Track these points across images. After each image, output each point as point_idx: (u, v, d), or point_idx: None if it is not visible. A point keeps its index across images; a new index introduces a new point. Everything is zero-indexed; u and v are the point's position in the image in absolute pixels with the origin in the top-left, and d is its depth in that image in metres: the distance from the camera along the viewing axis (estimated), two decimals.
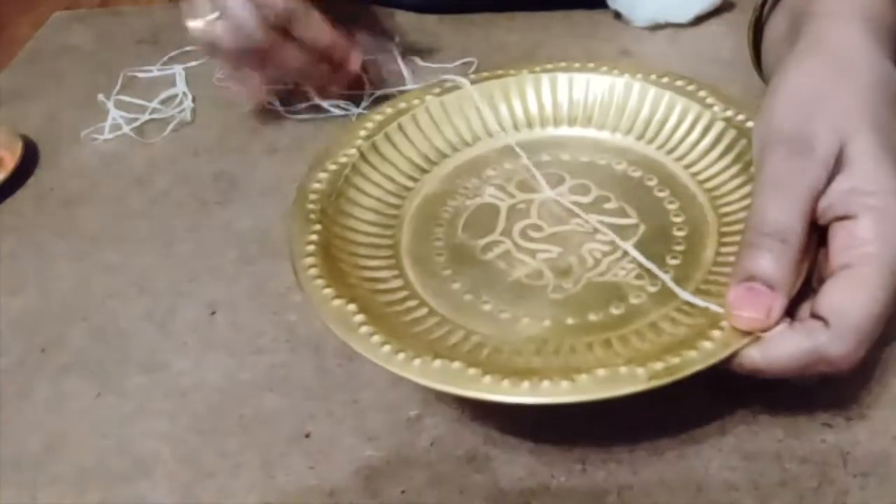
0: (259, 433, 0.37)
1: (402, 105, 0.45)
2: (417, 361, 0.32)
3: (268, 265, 0.45)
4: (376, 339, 0.33)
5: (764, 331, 0.31)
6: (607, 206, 0.41)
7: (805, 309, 0.32)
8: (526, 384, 0.31)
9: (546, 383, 0.30)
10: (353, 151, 0.42)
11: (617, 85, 0.45)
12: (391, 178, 0.43)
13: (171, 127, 0.56)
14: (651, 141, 0.43)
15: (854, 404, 0.35)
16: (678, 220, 0.39)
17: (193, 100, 0.58)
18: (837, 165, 0.32)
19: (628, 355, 0.32)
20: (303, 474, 0.35)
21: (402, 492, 0.34)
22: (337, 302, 0.34)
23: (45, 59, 0.66)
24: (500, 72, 0.46)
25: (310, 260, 0.36)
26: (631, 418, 0.35)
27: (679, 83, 0.44)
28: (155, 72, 0.61)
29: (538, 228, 0.40)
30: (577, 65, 0.46)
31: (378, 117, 0.44)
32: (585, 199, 0.41)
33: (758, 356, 0.31)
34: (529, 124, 0.45)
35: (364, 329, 0.33)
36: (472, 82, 0.46)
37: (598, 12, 0.60)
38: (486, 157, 0.44)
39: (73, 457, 0.37)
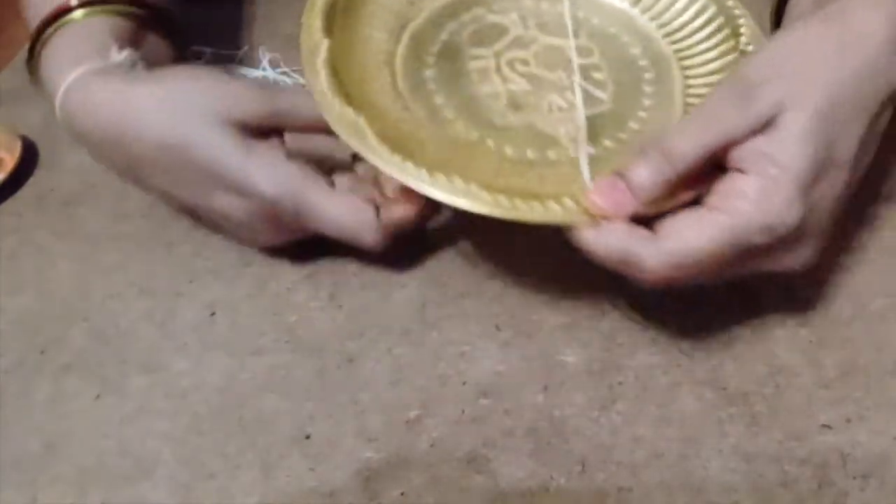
0: (259, 434, 0.37)
1: None
2: (359, 122, 0.35)
3: (268, 265, 0.45)
4: (336, 103, 0.36)
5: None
6: (596, 75, 0.42)
7: None
8: (410, 164, 0.34)
9: (421, 170, 0.34)
10: None
11: None
12: None
13: None
14: (669, 35, 0.44)
15: (854, 406, 0.35)
16: (643, 115, 0.41)
17: None
18: (768, 127, 0.32)
19: (504, 186, 0.34)
20: (302, 475, 0.35)
21: (402, 493, 0.34)
22: (336, 101, 0.36)
23: None
24: None
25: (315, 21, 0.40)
26: (630, 419, 0.35)
27: None
28: None
29: (525, 63, 0.42)
30: None
31: None
32: (582, 61, 0.42)
33: (589, 236, 0.33)
34: None
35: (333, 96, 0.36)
36: None
37: None
38: None
39: (73, 457, 0.37)
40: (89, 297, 0.45)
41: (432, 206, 0.37)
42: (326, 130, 0.37)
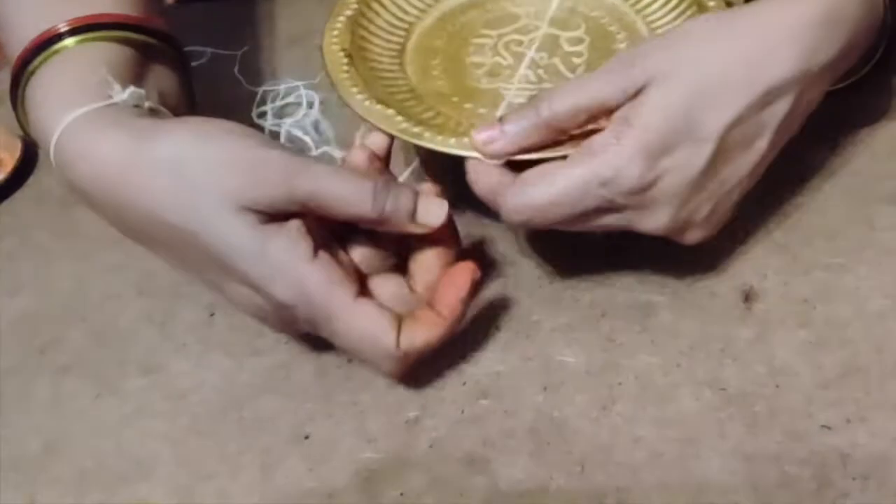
0: (258, 435, 0.37)
1: None
2: (367, 102, 0.40)
3: None
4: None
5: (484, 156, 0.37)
6: (575, 60, 0.45)
7: None
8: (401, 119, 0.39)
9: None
10: None
11: None
12: None
13: None
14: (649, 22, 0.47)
15: (853, 406, 0.35)
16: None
17: None
18: (637, 94, 0.35)
19: (441, 124, 0.40)
20: (302, 476, 0.35)
21: (401, 494, 0.34)
22: (335, 48, 0.44)
23: None
24: None
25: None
26: (630, 419, 0.35)
27: None
28: None
29: (519, 44, 0.46)
30: None
31: None
32: (569, 48, 0.46)
33: (469, 168, 0.37)
34: None
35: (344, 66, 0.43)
36: None
37: None
38: None
39: (73, 458, 0.37)
40: (88, 297, 0.45)
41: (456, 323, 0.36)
42: (353, 221, 0.35)
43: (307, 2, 0.62)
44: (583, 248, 0.41)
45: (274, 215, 0.34)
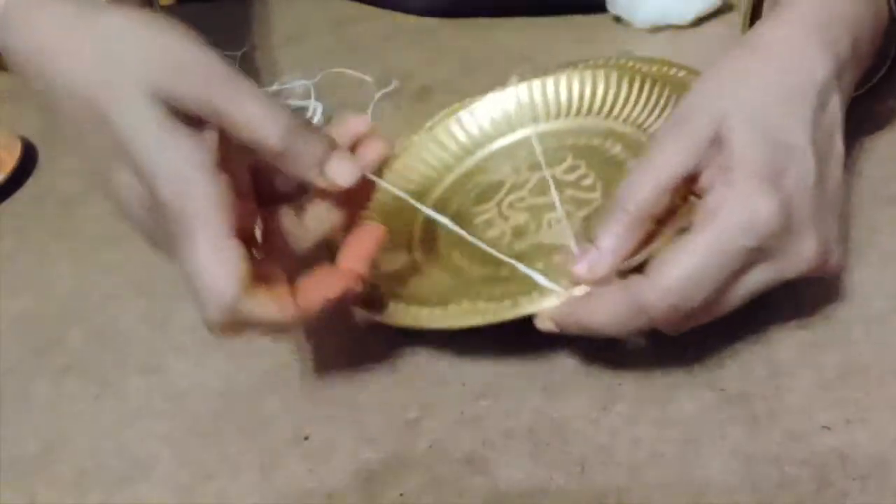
0: (258, 435, 0.37)
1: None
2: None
3: None
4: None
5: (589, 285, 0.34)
6: (585, 182, 0.43)
7: None
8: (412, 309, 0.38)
9: (422, 310, 0.37)
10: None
11: (625, 81, 0.47)
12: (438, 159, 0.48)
13: None
14: (640, 126, 0.45)
15: (853, 407, 0.35)
16: None
17: None
18: (715, 146, 0.33)
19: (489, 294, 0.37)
20: (301, 477, 0.35)
21: (401, 494, 0.34)
22: None
23: None
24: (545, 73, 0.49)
25: None
26: (630, 420, 0.35)
27: (673, 71, 0.45)
28: None
29: (522, 200, 0.44)
30: (601, 61, 0.48)
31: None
32: (571, 177, 0.44)
33: (584, 308, 0.33)
34: (556, 116, 0.48)
35: None
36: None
37: (599, 16, 0.60)
38: (516, 144, 0.48)
39: (72, 458, 0.37)
40: (88, 297, 0.45)
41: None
42: (263, 155, 0.34)
43: (306, 2, 0.62)
44: None
45: (189, 119, 0.33)
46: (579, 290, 0.34)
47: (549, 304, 0.35)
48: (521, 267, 0.37)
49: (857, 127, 0.45)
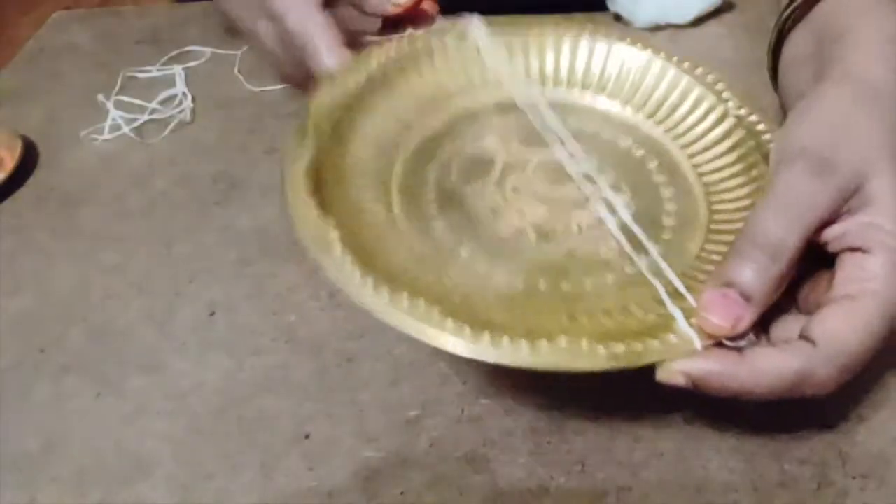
0: (258, 434, 0.37)
1: (420, 44, 0.42)
2: (385, 293, 0.30)
3: (267, 266, 0.45)
4: (349, 263, 0.31)
5: (729, 339, 0.31)
6: (605, 177, 0.39)
7: (779, 328, 0.32)
8: (487, 336, 0.30)
9: (506, 340, 0.29)
10: (362, 79, 0.40)
11: (637, 59, 0.43)
12: (395, 112, 0.40)
13: (170, 127, 0.56)
14: (660, 122, 0.42)
15: (853, 406, 0.35)
16: (670, 207, 0.38)
17: (193, 100, 0.58)
18: (856, 198, 0.32)
19: (592, 331, 0.31)
20: (302, 475, 0.35)
21: (402, 493, 0.34)
22: (319, 222, 0.32)
23: (45, 59, 0.66)
24: (524, 25, 0.45)
25: (300, 177, 0.34)
26: (630, 419, 0.35)
27: (699, 71, 0.43)
28: (154, 72, 0.61)
29: (528, 184, 0.39)
30: (602, 33, 0.44)
31: (392, 53, 0.42)
32: (585, 168, 0.39)
33: (743, 373, 0.30)
34: (543, 82, 0.44)
35: (339, 253, 0.31)
36: (493, 33, 0.44)
37: (598, 14, 0.60)
38: (495, 105, 0.42)
39: (73, 457, 0.37)
40: (89, 297, 0.45)
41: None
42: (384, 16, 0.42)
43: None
44: None
45: None
46: (700, 344, 0.30)
47: (678, 355, 0.30)
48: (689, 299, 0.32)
49: None
